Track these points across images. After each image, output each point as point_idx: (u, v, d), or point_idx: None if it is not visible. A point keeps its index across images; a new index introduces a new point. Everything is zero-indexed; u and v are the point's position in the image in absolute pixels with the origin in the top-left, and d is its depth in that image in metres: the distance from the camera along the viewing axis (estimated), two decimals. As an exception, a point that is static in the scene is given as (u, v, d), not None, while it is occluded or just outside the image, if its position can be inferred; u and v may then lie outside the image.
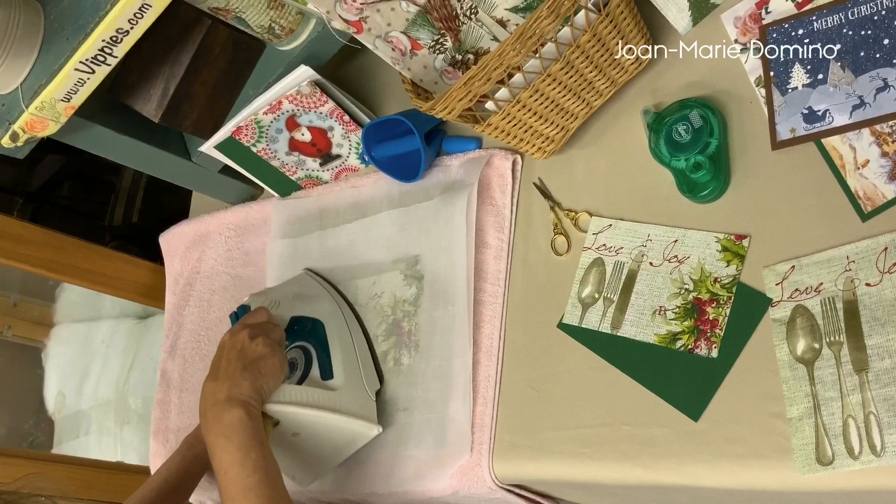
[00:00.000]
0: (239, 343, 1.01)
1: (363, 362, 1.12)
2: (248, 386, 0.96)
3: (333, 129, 1.22)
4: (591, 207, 1.04)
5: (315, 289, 1.22)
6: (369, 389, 1.09)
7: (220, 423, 0.93)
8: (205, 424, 0.95)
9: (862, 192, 0.86)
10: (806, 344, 0.84)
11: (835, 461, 0.79)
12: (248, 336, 1.02)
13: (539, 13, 0.87)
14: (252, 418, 0.94)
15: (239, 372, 0.97)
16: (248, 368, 0.98)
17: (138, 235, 2.34)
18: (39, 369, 2.36)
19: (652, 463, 0.90)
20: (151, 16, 1.00)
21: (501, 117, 0.97)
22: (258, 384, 0.97)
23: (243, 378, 0.97)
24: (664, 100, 1.01)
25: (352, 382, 1.08)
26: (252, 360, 0.99)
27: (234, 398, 0.94)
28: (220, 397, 0.95)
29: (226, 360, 1.00)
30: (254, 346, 1.01)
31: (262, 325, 1.06)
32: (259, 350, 1.00)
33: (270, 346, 1.01)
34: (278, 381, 1.01)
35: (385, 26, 1.03)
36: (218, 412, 0.94)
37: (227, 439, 0.92)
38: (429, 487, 1.04)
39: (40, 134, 1.10)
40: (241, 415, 0.93)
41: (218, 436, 0.93)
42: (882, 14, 0.87)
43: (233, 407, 0.93)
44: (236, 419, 0.92)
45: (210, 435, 0.94)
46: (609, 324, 0.98)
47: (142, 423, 2.10)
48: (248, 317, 1.09)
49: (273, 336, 1.04)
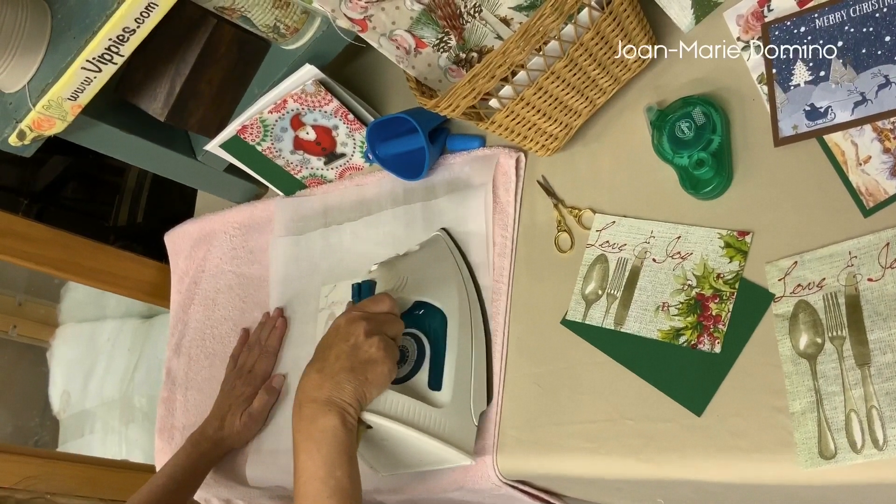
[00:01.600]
0: (353, 337, 0.94)
1: (476, 376, 1.03)
2: (350, 392, 0.90)
3: (338, 127, 1.23)
4: (594, 204, 1.05)
5: (449, 270, 1.11)
6: (475, 412, 1.01)
7: (314, 425, 0.88)
8: (297, 420, 0.90)
9: (864, 188, 0.86)
10: (808, 339, 0.85)
11: (837, 455, 0.80)
12: (364, 331, 0.94)
13: (543, 11, 0.87)
14: (347, 429, 0.88)
15: (346, 373, 0.91)
16: (356, 371, 0.91)
17: (143, 236, 2.35)
18: (44, 368, 2.37)
19: (656, 457, 0.91)
20: (157, 15, 1.01)
21: (505, 115, 0.98)
22: (361, 391, 0.91)
23: (348, 381, 0.90)
24: (667, 97, 1.02)
25: (459, 402, 1.00)
26: (362, 362, 0.92)
27: (333, 402, 0.89)
28: (320, 396, 0.89)
29: (335, 354, 0.93)
30: (367, 345, 0.93)
31: (382, 317, 0.98)
32: (372, 353, 0.93)
33: (385, 350, 0.94)
34: (383, 390, 0.94)
35: (390, 25, 1.03)
36: (313, 412, 0.89)
37: (317, 447, 0.87)
38: (433, 483, 1.05)
39: (47, 132, 1.11)
40: (336, 424, 0.88)
41: (307, 439, 0.88)
42: (884, 11, 0.87)
43: (330, 412, 0.88)
44: (330, 427, 0.88)
45: (299, 434, 0.89)
46: (612, 320, 0.99)
47: (147, 421, 2.11)
48: (371, 303, 0.99)
49: (391, 332, 0.97)
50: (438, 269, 1.10)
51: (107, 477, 1.71)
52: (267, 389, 1.25)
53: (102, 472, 1.72)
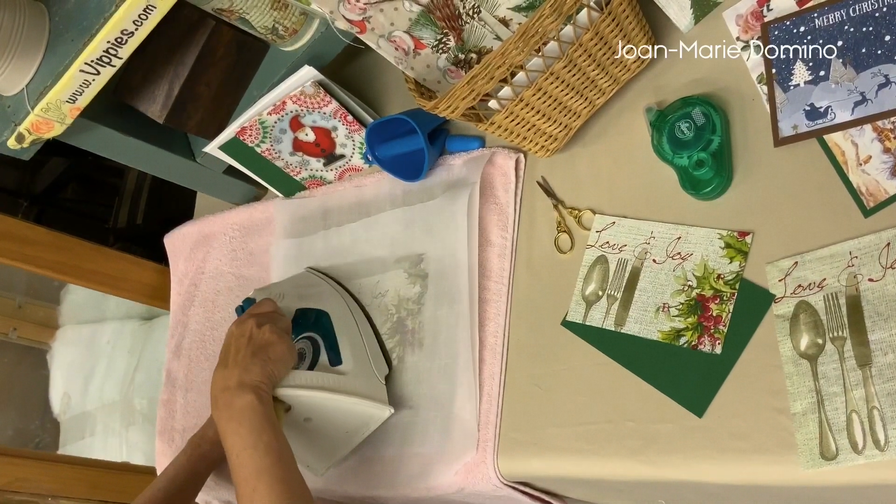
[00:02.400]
0: (247, 331, 1.02)
1: (370, 348, 1.13)
2: (258, 371, 0.96)
3: (337, 129, 1.23)
4: (594, 205, 1.05)
5: (318, 283, 1.23)
6: (378, 373, 1.10)
7: (232, 408, 0.93)
8: (216, 411, 0.95)
9: (864, 188, 0.86)
10: (809, 339, 0.85)
11: (839, 456, 0.79)
12: (255, 324, 1.02)
13: (542, 12, 0.87)
14: (263, 403, 0.94)
15: (249, 358, 0.98)
16: (258, 354, 0.98)
17: (142, 237, 2.35)
18: (45, 371, 2.37)
19: (656, 459, 0.91)
20: (156, 17, 1.01)
21: (504, 116, 0.98)
22: (268, 369, 0.98)
23: (253, 364, 0.97)
24: (666, 97, 1.01)
25: (361, 366, 1.09)
26: (261, 347, 1.00)
27: (244, 384, 0.95)
28: (230, 383, 0.95)
29: (234, 348, 1.00)
30: (262, 333, 1.01)
31: (268, 314, 1.07)
32: (267, 337, 1.01)
33: (278, 333, 1.02)
34: (288, 367, 1.02)
35: (388, 26, 1.03)
36: (229, 398, 0.94)
37: (239, 423, 0.92)
38: (434, 485, 1.05)
39: (46, 135, 1.11)
40: (252, 400, 0.93)
41: (229, 421, 0.93)
42: (883, 10, 0.87)
43: (244, 392, 0.94)
44: (247, 404, 0.93)
45: (221, 421, 0.94)
46: (613, 321, 0.98)
47: (147, 423, 2.10)
48: (255, 307, 1.10)
49: (280, 325, 1.05)
50: (308, 284, 1.23)
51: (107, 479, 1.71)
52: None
53: (103, 475, 1.72)
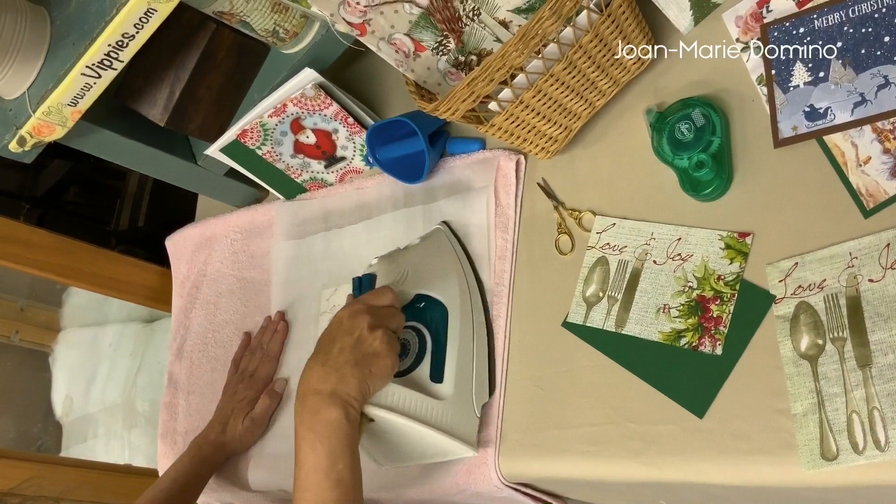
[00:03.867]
0: (357, 330, 0.94)
1: (478, 368, 1.04)
2: (354, 385, 0.90)
3: (338, 131, 1.23)
4: (594, 207, 1.05)
5: (449, 263, 1.11)
6: (477, 404, 1.02)
7: (317, 417, 0.88)
8: (300, 411, 0.90)
9: (864, 189, 0.86)
10: (809, 340, 0.85)
11: (839, 456, 0.79)
12: (368, 326, 0.94)
13: (541, 14, 0.87)
14: (350, 422, 0.89)
15: (350, 367, 0.91)
16: (360, 364, 0.92)
17: (144, 240, 2.35)
18: (47, 373, 2.37)
19: (657, 460, 0.91)
20: (157, 20, 1.01)
21: (505, 118, 0.98)
22: (365, 385, 0.92)
23: (352, 375, 0.91)
24: (666, 99, 1.02)
25: (461, 395, 1.00)
26: (366, 355, 0.93)
27: (337, 394, 0.89)
28: (323, 388, 0.89)
29: (339, 347, 0.93)
30: (371, 339, 0.93)
31: (384, 311, 0.98)
32: (376, 346, 0.93)
33: (388, 343, 0.94)
34: (386, 383, 0.95)
35: (388, 28, 1.03)
36: (317, 405, 0.89)
37: (318, 439, 0.87)
38: (435, 486, 1.05)
39: (47, 138, 1.11)
40: (339, 417, 0.88)
41: (309, 430, 0.88)
42: (882, 11, 0.87)
43: (334, 404, 0.88)
44: (333, 419, 0.88)
45: (302, 426, 0.89)
46: (613, 322, 0.99)
47: (149, 426, 2.11)
48: (373, 296, 1.00)
49: (393, 325, 0.97)
50: (439, 262, 1.10)
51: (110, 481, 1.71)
52: (269, 393, 1.25)
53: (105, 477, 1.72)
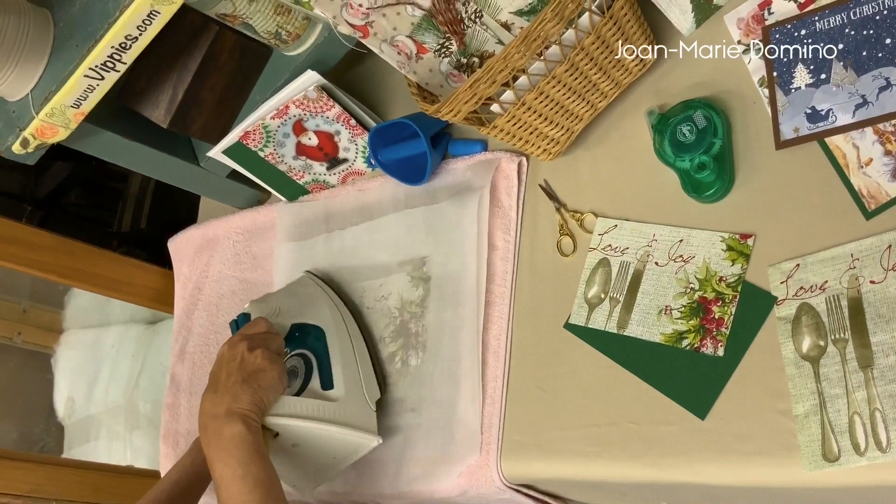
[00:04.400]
0: (238, 355, 1.01)
1: (364, 371, 1.12)
2: (247, 399, 0.96)
3: (340, 133, 1.23)
4: (596, 208, 1.05)
5: (316, 293, 1.21)
6: (370, 399, 1.09)
7: (221, 437, 0.93)
8: (204, 438, 0.95)
9: (865, 191, 0.86)
10: (811, 341, 0.85)
11: (841, 458, 0.80)
12: (247, 348, 1.01)
13: (543, 16, 0.88)
14: (252, 432, 0.93)
15: (238, 385, 0.97)
16: (248, 381, 0.98)
17: (146, 241, 2.35)
18: (49, 375, 2.38)
19: (659, 461, 0.91)
20: (160, 22, 1.01)
21: (507, 119, 0.98)
22: (258, 397, 0.97)
23: (243, 391, 0.96)
24: (668, 101, 1.02)
25: (352, 393, 1.08)
26: (251, 373, 0.99)
27: (233, 412, 0.94)
28: (219, 411, 0.95)
29: (225, 373, 0.99)
30: (253, 357, 1.00)
31: (261, 335, 1.05)
32: (258, 362, 1.00)
33: (270, 358, 1.01)
34: (278, 394, 1.01)
35: (391, 30, 1.03)
36: (218, 427, 0.94)
37: (228, 454, 0.91)
38: (437, 488, 1.05)
39: (50, 140, 1.12)
40: (241, 429, 0.93)
41: (218, 450, 0.92)
42: (884, 13, 0.87)
43: (232, 421, 0.93)
44: (237, 433, 0.92)
45: (210, 449, 0.93)
46: (615, 323, 0.99)
47: (151, 427, 2.11)
48: (248, 327, 1.08)
49: (272, 346, 1.04)
50: (306, 295, 1.21)
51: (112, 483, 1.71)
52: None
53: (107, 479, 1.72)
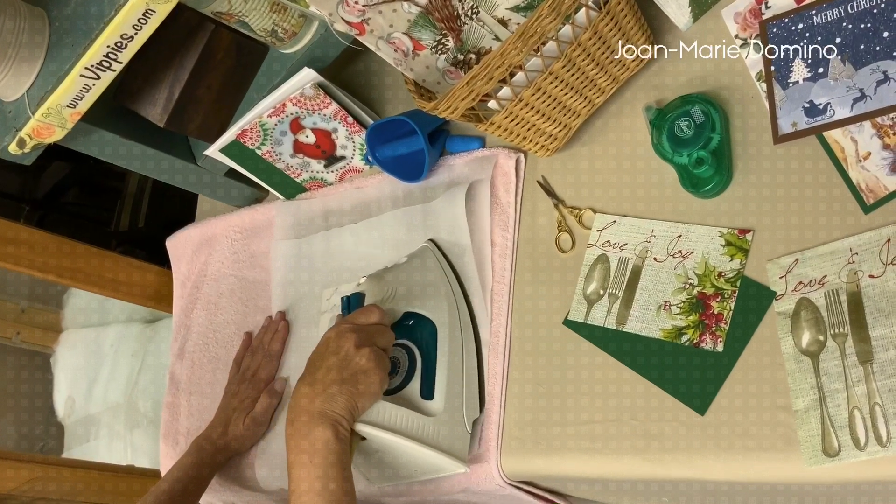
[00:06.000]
0: (343, 349, 0.94)
1: (468, 385, 1.04)
2: (342, 404, 0.91)
3: (337, 130, 1.23)
4: (594, 204, 1.05)
5: (436, 281, 1.11)
6: (468, 420, 1.02)
7: (307, 438, 0.89)
8: (290, 433, 0.91)
9: (864, 185, 0.86)
10: (811, 336, 0.85)
11: (841, 452, 0.79)
12: (354, 344, 0.95)
13: (540, 12, 0.87)
14: (339, 441, 0.89)
15: (337, 385, 0.91)
16: (347, 383, 0.92)
17: (145, 240, 2.35)
18: (49, 375, 2.38)
19: (660, 457, 0.91)
20: (155, 21, 1.01)
21: (504, 116, 0.98)
22: (353, 403, 0.92)
23: (340, 394, 0.91)
24: (666, 96, 1.02)
25: (451, 411, 1.00)
26: (353, 374, 0.93)
27: (325, 414, 0.90)
28: (312, 409, 0.90)
29: (326, 367, 0.93)
30: (358, 357, 0.94)
31: (371, 328, 0.99)
32: (363, 364, 0.94)
33: (375, 361, 0.94)
34: (374, 400, 0.95)
35: (387, 27, 1.03)
36: (306, 425, 0.90)
37: (310, 460, 0.88)
38: (437, 485, 1.05)
39: (47, 140, 1.11)
40: (328, 436, 0.88)
41: (300, 452, 0.88)
42: (881, 7, 0.87)
43: (323, 425, 0.89)
44: (322, 440, 0.88)
45: (293, 448, 0.89)
46: (614, 320, 0.99)
47: (151, 426, 2.11)
48: (360, 315, 1.00)
49: (381, 343, 0.98)
50: (426, 280, 1.11)
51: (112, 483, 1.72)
52: (269, 393, 1.25)
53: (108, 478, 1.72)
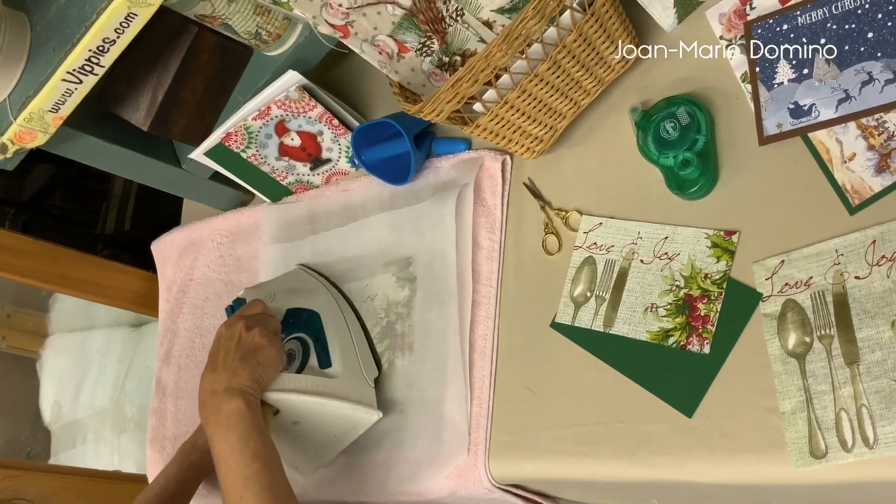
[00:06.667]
0: (236, 334, 1.01)
1: (360, 350, 1.13)
2: (246, 376, 0.96)
3: (323, 133, 1.22)
4: (581, 206, 1.05)
5: (310, 282, 1.23)
6: (367, 376, 1.10)
7: (219, 413, 0.93)
8: (204, 415, 0.95)
9: (849, 186, 0.86)
10: (797, 338, 0.85)
11: (828, 454, 0.79)
12: (244, 327, 1.02)
13: (524, 14, 0.87)
14: (251, 408, 0.94)
15: (237, 362, 0.98)
16: (246, 358, 0.98)
17: (131, 243, 2.34)
18: (35, 380, 2.36)
19: (648, 459, 0.91)
20: (137, 25, 1.00)
21: (490, 118, 0.98)
22: (257, 374, 0.98)
23: (242, 368, 0.97)
24: (651, 97, 1.01)
25: (350, 369, 1.09)
26: (250, 350, 0.99)
27: (232, 388, 0.95)
28: (218, 388, 0.95)
29: (223, 351, 1.00)
30: (251, 336, 1.01)
31: (258, 316, 1.06)
32: (256, 340, 1.00)
33: (267, 336, 1.02)
34: (277, 371, 1.01)
35: (371, 30, 1.03)
36: (217, 403, 0.94)
37: (226, 429, 0.92)
38: (425, 489, 1.05)
39: (29, 145, 1.10)
40: (239, 405, 0.93)
41: (217, 426, 0.93)
42: (865, 8, 0.87)
43: (232, 397, 0.94)
44: (235, 409, 0.93)
45: (209, 426, 0.94)
46: (601, 322, 0.98)
47: (139, 431, 2.10)
48: (244, 309, 1.09)
49: (269, 326, 1.05)
50: (300, 283, 1.22)
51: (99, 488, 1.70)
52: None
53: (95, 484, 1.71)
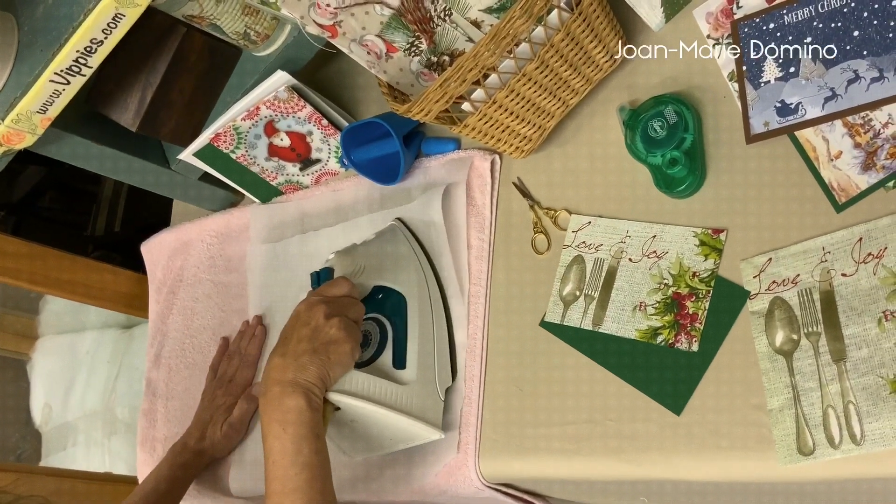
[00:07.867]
0: (314, 320, 0.95)
1: (440, 354, 1.06)
2: (314, 372, 0.92)
3: (312, 133, 1.22)
4: (570, 205, 1.05)
5: (405, 255, 1.12)
6: (440, 388, 1.03)
7: (279, 406, 0.89)
8: (263, 403, 0.91)
9: (836, 184, 0.87)
10: (784, 335, 0.85)
11: (816, 451, 0.80)
12: (324, 314, 0.96)
13: (512, 13, 0.87)
14: (312, 408, 0.90)
15: (308, 354, 0.92)
16: (318, 352, 0.93)
17: (121, 244, 2.34)
18: (25, 382, 2.35)
19: (637, 457, 0.91)
20: (125, 25, 1.00)
21: (478, 118, 0.98)
22: (325, 371, 0.93)
23: (311, 363, 0.92)
24: (639, 96, 1.02)
25: (424, 378, 1.02)
26: (324, 343, 0.94)
27: (297, 383, 0.90)
28: (284, 378, 0.91)
29: (297, 338, 0.94)
30: (328, 327, 0.95)
31: (341, 300, 1.00)
32: (333, 333, 0.94)
33: (346, 330, 0.95)
34: (346, 369, 0.96)
35: (360, 30, 1.03)
36: (278, 395, 0.90)
37: (283, 428, 0.88)
38: (416, 488, 1.05)
39: (17, 146, 1.10)
40: (301, 404, 0.89)
41: (273, 420, 0.89)
42: (851, 6, 0.87)
43: (295, 393, 0.90)
44: (295, 407, 0.89)
45: (266, 417, 0.90)
46: (590, 321, 0.99)
47: (129, 432, 2.09)
48: (329, 287, 1.02)
49: (351, 314, 0.98)
50: (395, 255, 1.12)
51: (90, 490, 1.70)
52: (247, 398, 1.24)
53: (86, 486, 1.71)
